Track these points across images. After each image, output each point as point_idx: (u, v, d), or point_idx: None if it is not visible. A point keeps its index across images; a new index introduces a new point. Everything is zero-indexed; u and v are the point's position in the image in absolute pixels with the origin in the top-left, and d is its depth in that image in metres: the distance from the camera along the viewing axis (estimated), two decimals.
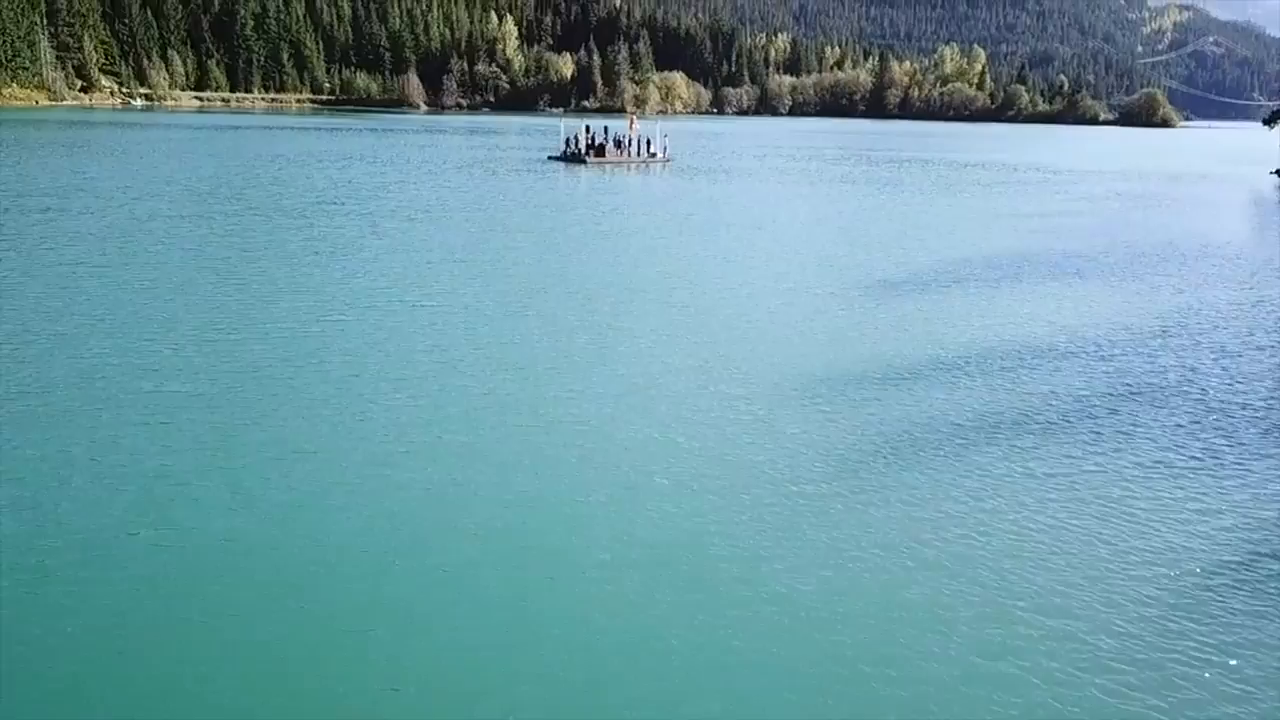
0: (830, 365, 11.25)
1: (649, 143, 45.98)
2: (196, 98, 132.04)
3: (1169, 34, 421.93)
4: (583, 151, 44.10)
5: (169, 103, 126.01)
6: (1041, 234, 23.92)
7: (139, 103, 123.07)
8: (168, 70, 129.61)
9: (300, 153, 45.71)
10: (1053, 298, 15.67)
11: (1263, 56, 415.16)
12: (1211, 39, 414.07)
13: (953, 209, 30.04)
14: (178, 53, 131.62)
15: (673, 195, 32.36)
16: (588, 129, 45.79)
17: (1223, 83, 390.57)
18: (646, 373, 10.73)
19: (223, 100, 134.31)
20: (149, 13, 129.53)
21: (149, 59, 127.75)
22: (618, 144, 45.52)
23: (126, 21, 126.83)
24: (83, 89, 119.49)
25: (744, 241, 21.42)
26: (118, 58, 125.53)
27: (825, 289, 15.88)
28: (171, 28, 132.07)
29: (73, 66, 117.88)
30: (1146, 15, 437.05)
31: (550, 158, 45.59)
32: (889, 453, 8.54)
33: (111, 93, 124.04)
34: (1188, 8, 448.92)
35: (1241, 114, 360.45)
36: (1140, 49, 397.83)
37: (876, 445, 8.71)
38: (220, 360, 10.65)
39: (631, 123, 48.71)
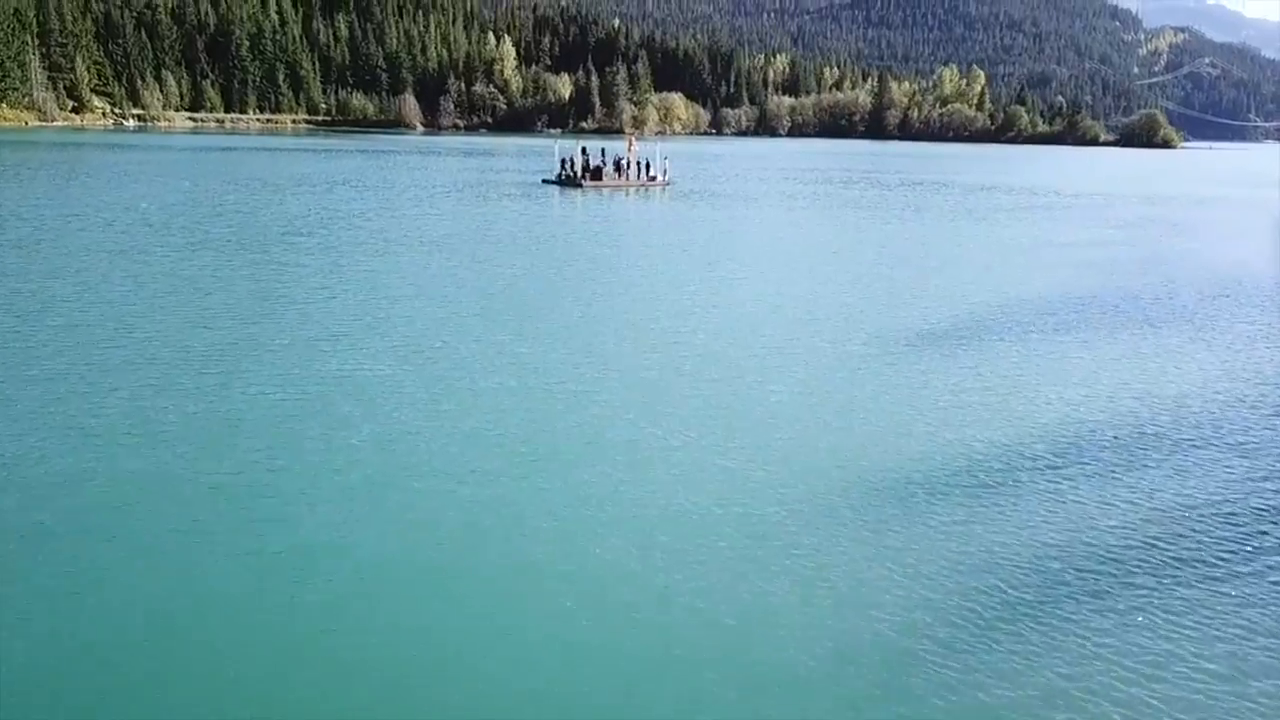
0: (886, 461, 8.69)
1: (648, 165, 43.70)
2: (190, 118, 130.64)
3: (1165, 56, 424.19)
4: (578, 175, 41.80)
5: (162, 123, 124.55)
6: (1091, 269, 21.43)
7: (131, 123, 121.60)
8: (161, 90, 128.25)
9: (281, 176, 43.40)
10: (1136, 356, 13.11)
11: (1259, 78, 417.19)
12: (1207, 61, 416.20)
13: (984, 238, 27.51)
14: (172, 73, 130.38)
15: (676, 224, 29.73)
16: (584, 150, 43.46)
17: (1219, 104, 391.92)
18: (647, 482, 8.16)
19: (217, 121, 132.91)
20: (143, 33, 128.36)
21: (143, 79, 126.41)
22: (616, 167, 43.27)
23: (120, 42, 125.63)
24: (74, 109, 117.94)
25: (761, 283, 18.88)
26: (111, 78, 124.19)
27: (862, 346, 13.34)
28: (166, 48, 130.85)
29: (64, 87, 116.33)
30: (1143, 37, 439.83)
31: (544, 181, 43.25)
32: (983, 607, 5.96)
33: (104, 113, 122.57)
34: (1183, 30, 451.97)
35: (1238, 135, 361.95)
36: (1137, 70, 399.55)
37: (964, 596, 6.14)
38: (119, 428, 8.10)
39: (630, 144, 46.20)
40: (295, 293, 15.84)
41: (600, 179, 41.75)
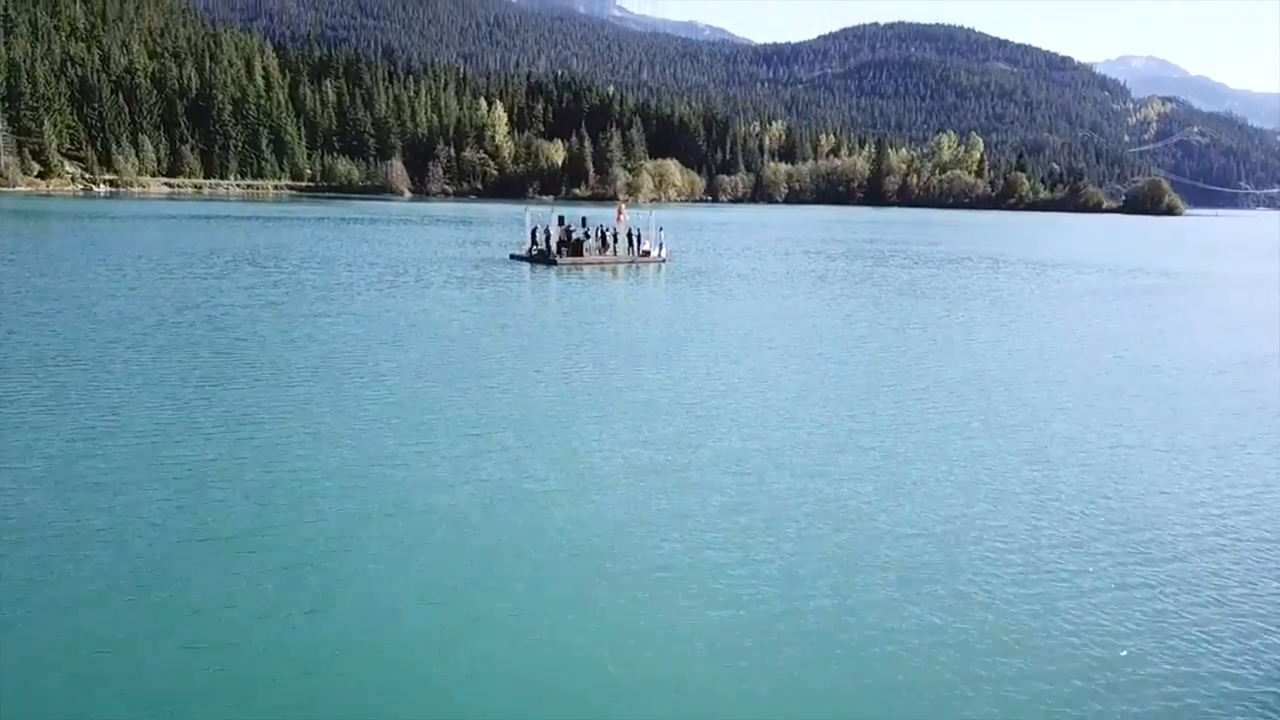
0: None
1: (640, 237, 36.64)
2: (167, 184, 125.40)
3: (1154, 124, 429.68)
4: (553, 249, 34.57)
5: (136, 189, 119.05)
6: None
7: (103, 189, 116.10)
8: (138, 155, 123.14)
9: (195, 248, 36.15)
10: None
11: (1247, 146, 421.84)
12: (1196, 129, 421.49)
13: (1112, 350, 19.02)
14: (150, 137, 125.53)
15: (677, 322, 21.29)
16: (561, 220, 36.28)
17: (1210, 171, 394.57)
18: None
19: (195, 187, 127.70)
20: (120, 97, 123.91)
21: (118, 144, 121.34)
22: (601, 239, 36.25)
23: (96, 106, 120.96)
24: (40, 175, 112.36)
25: (808, 436, 11.18)
26: (85, 142, 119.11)
27: (978, 565, 5.58)
28: (144, 112, 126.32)
29: (30, 151, 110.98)
30: (1131, 106, 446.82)
31: (513, 256, 36.09)
32: None
33: (73, 179, 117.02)
34: (1170, 99, 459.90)
35: (1230, 202, 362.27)
36: (1127, 138, 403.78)
37: None
38: None
39: (620, 212, 38.83)
40: (58, 429, 8.06)
41: (580, 254, 34.60)
